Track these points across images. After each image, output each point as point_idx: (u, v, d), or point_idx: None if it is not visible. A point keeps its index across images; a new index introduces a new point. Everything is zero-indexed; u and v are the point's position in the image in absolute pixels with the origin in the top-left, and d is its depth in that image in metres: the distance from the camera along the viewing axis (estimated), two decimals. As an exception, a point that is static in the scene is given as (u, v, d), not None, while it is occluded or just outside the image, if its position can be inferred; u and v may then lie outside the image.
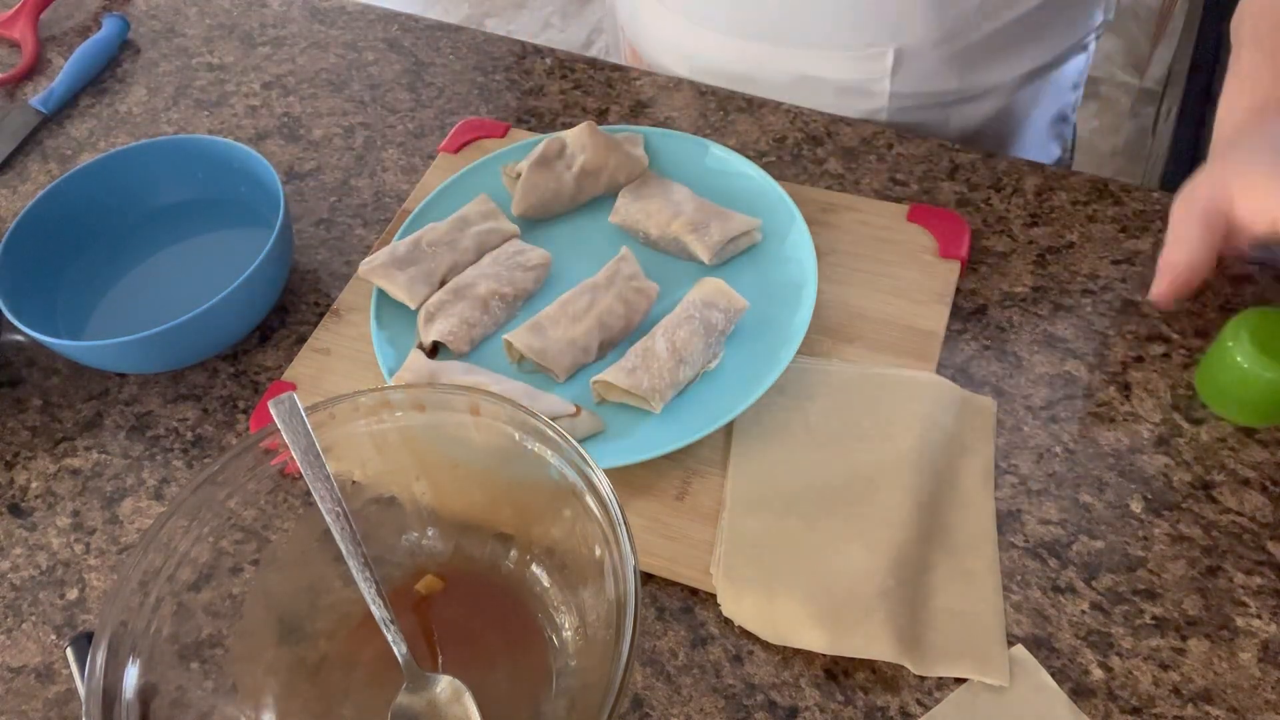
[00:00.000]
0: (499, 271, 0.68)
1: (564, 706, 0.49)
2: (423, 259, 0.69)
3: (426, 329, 0.66)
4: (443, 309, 0.66)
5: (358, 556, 0.48)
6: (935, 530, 0.57)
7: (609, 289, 0.66)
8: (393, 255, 0.68)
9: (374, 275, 0.67)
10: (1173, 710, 0.51)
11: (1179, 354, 0.64)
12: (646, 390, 0.61)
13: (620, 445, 0.61)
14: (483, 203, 0.73)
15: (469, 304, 0.67)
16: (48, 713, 0.56)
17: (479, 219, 0.72)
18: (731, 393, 0.62)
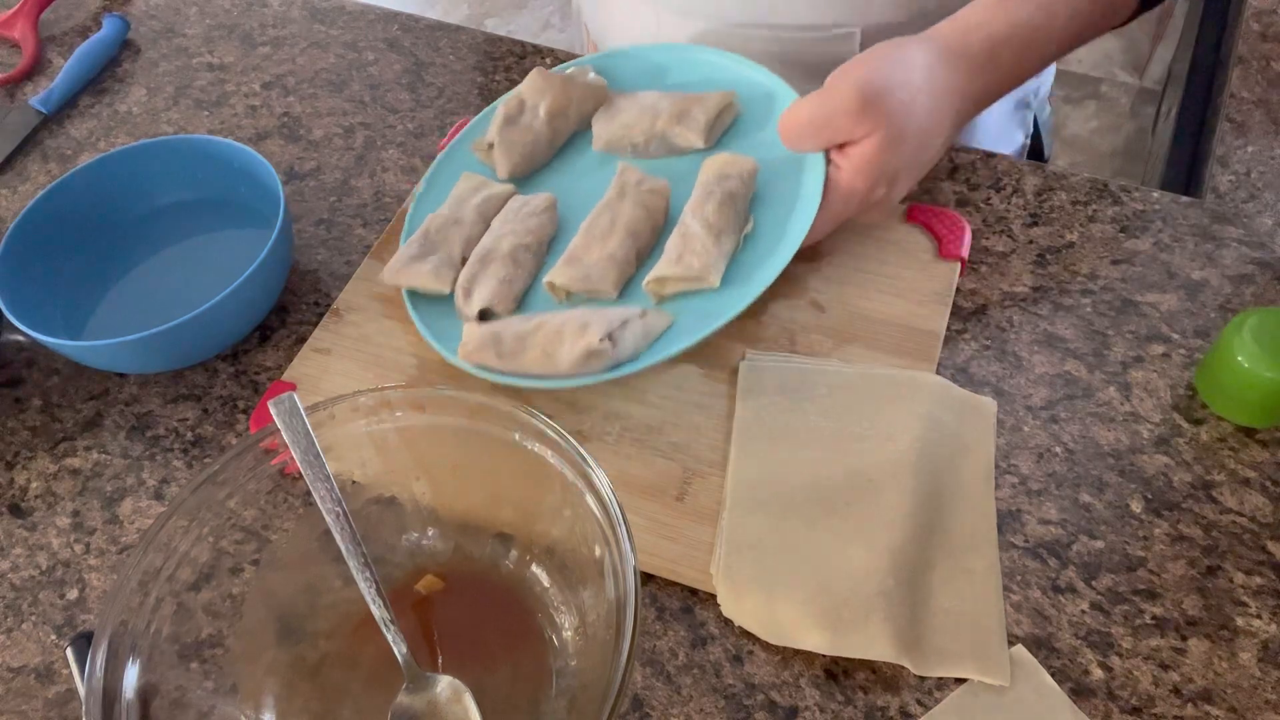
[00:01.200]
0: (513, 227, 0.69)
1: (564, 706, 0.49)
2: (437, 246, 0.69)
3: (468, 303, 0.66)
4: (476, 280, 0.67)
5: (358, 556, 0.48)
6: (935, 530, 0.57)
7: (624, 200, 0.68)
8: (408, 254, 0.68)
9: (400, 278, 0.67)
10: (1173, 710, 0.51)
11: (1179, 354, 0.64)
12: (699, 270, 0.63)
13: (694, 323, 0.62)
14: (468, 179, 0.73)
15: (498, 265, 0.67)
16: (48, 713, 0.56)
17: (471, 193, 0.72)
18: (776, 246, 0.65)
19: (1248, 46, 0.82)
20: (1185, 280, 0.67)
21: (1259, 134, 0.76)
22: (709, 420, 0.62)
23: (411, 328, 0.68)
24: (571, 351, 0.61)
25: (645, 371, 0.65)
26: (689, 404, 0.63)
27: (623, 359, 0.62)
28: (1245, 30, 0.83)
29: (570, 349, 0.61)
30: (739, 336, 0.66)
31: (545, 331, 0.62)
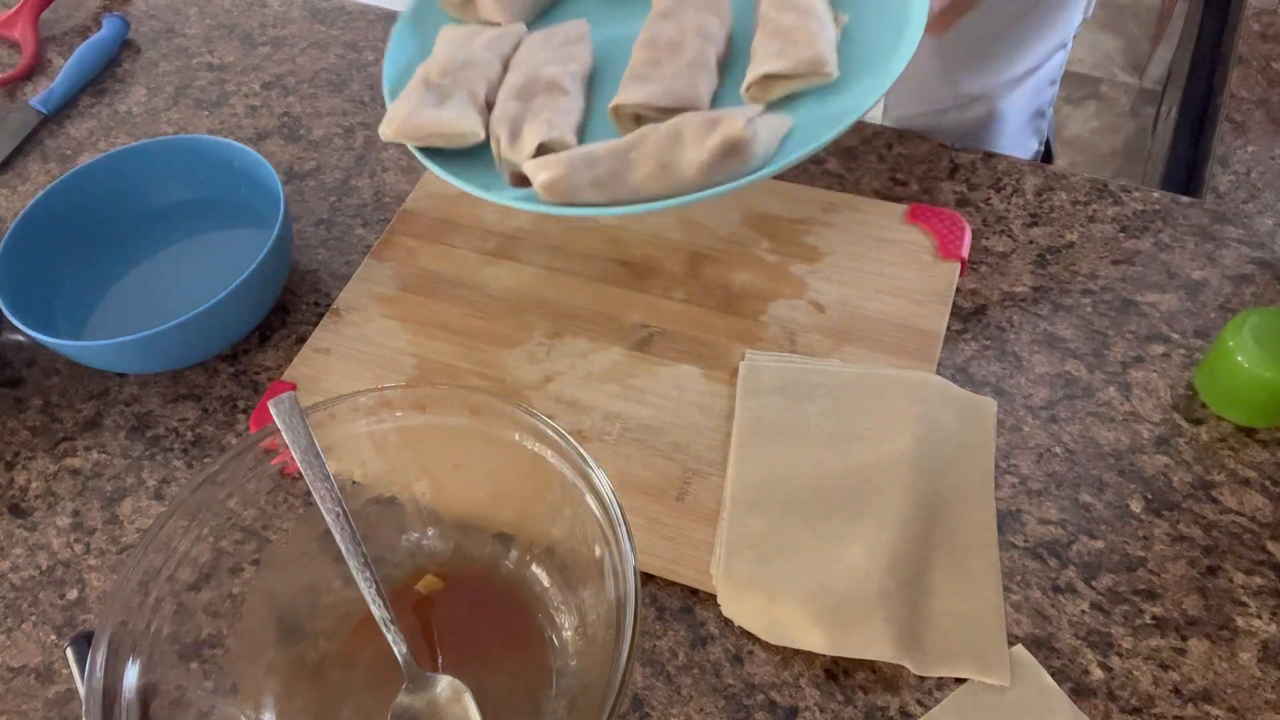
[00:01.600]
0: (550, 56, 0.60)
1: (564, 706, 0.49)
2: (450, 90, 0.59)
3: (516, 144, 0.56)
4: (522, 117, 0.57)
5: (358, 556, 0.48)
6: (935, 530, 0.57)
7: (684, 6, 0.59)
8: (414, 102, 0.58)
9: (414, 128, 0.57)
10: (1173, 710, 0.51)
11: (1179, 354, 0.64)
12: (812, 58, 0.55)
13: (816, 126, 0.55)
14: (453, 30, 0.64)
15: (545, 95, 0.57)
16: (48, 713, 0.56)
17: (471, 37, 0.62)
18: (892, 27, 0.58)
19: (1248, 46, 0.82)
20: (1185, 280, 0.67)
21: (1259, 134, 0.76)
22: (709, 420, 0.62)
23: (411, 325, 0.68)
24: (700, 151, 0.50)
25: (645, 371, 0.65)
26: (689, 404, 0.63)
27: (756, 159, 0.52)
28: (1245, 30, 0.83)
29: (698, 148, 0.51)
30: (739, 336, 0.66)
31: (654, 141, 0.52)
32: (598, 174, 0.51)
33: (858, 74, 0.57)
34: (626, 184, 0.52)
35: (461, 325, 0.68)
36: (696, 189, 0.51)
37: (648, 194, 0.52)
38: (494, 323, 0.68)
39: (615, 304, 0.68)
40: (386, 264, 0.72)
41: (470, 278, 0.71)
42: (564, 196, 0.52)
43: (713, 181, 0.51)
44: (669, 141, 0.52)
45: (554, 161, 0.52)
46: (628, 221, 0.73)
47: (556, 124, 0.56)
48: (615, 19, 0.66)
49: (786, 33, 0.56)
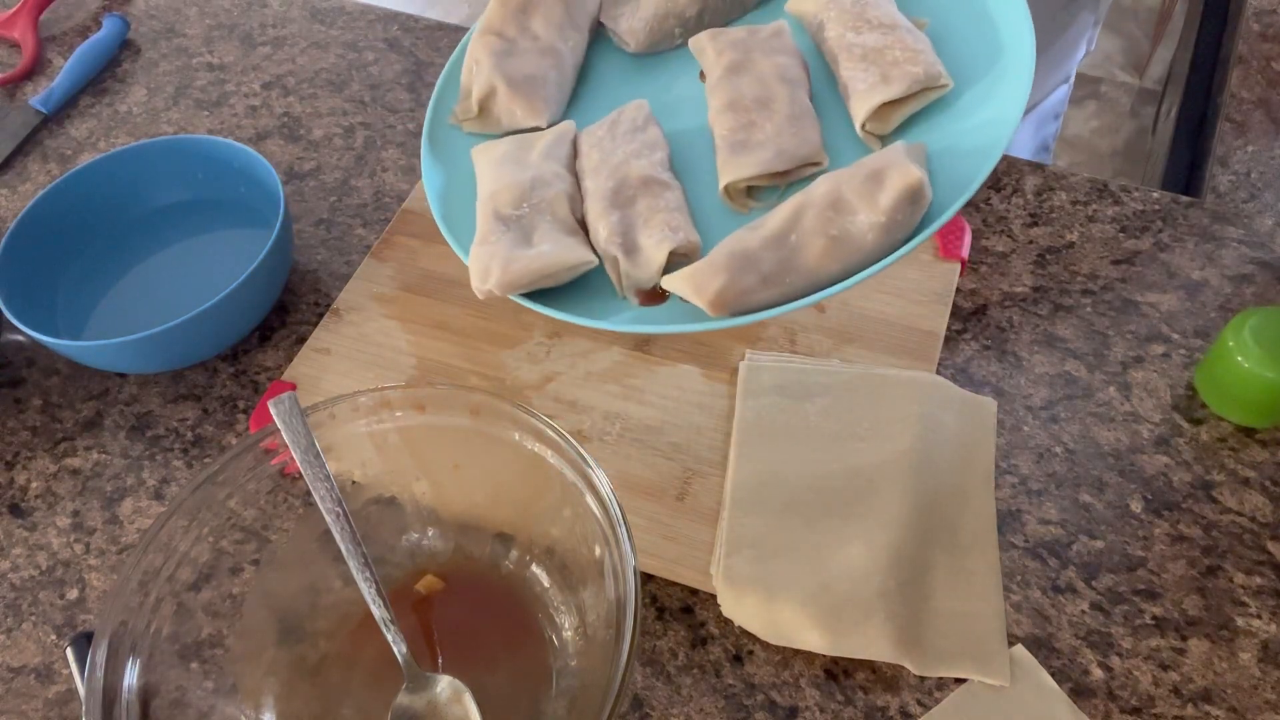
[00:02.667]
0: (629, 149, 0.54)
1: (564, 706, 0.49)
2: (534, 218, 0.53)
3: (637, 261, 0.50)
4: (632, 226, 0.51)
5: (358, 556, 0.48)
6: (935, 530, 0.57)
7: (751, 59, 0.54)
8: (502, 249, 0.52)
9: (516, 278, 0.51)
10: (1173, 710, 0.51)
11: (1179, 354, 0.64)
12: (923, 77, 0.50)
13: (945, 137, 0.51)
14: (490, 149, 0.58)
15: (647, 197, 0.52)
16: (48, 713, 0.56)
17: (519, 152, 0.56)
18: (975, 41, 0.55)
19: (1248, 46, 0.82)
20: (1185, 280, 0.67)
21: (1259, 134, 0.76)
22: (709, 420, 0.62)
23: (411, 325, 0.68)
24: (876, 213, 0.46)
25: (645, 371, 0.65)
26: (689, 404, 0.63)
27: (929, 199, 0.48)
28: (1245, 30, 0.83)
29: (872, 210, 0.46)
30: (739, 336, 0.66)
31: (815, 217, 0.47)
32: (762, 272, 0.46)
33: (965, 79, 0.53)
34: (800, 272, 0.47)
35: (461, 325, 0.68)
36: (879, 254, 0.47)
37: (825, 275, 0.47)
38: (494, 323, 0.68)
39: (615, 304, 0.68)
40: (386, 264, 0.72)
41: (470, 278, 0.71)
42: (735, 307, 0.47)
43: (894, 241, 0.47)
44: (832, 212, 0.47)
45: (711, 272, 0.47)
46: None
47: (676, 225, 0.51)
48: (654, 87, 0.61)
49: (880, 54, 0.52)
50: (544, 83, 0.59)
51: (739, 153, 0.52)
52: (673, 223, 0.51)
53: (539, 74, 0.59)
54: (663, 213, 0.51)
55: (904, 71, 0.51)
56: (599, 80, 0.64)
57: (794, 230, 0.48)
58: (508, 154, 0.58)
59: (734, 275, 0.46)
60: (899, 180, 0.46)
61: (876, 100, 0.52)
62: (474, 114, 0.61)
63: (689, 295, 0.49)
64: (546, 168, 0.56)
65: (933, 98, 0.53)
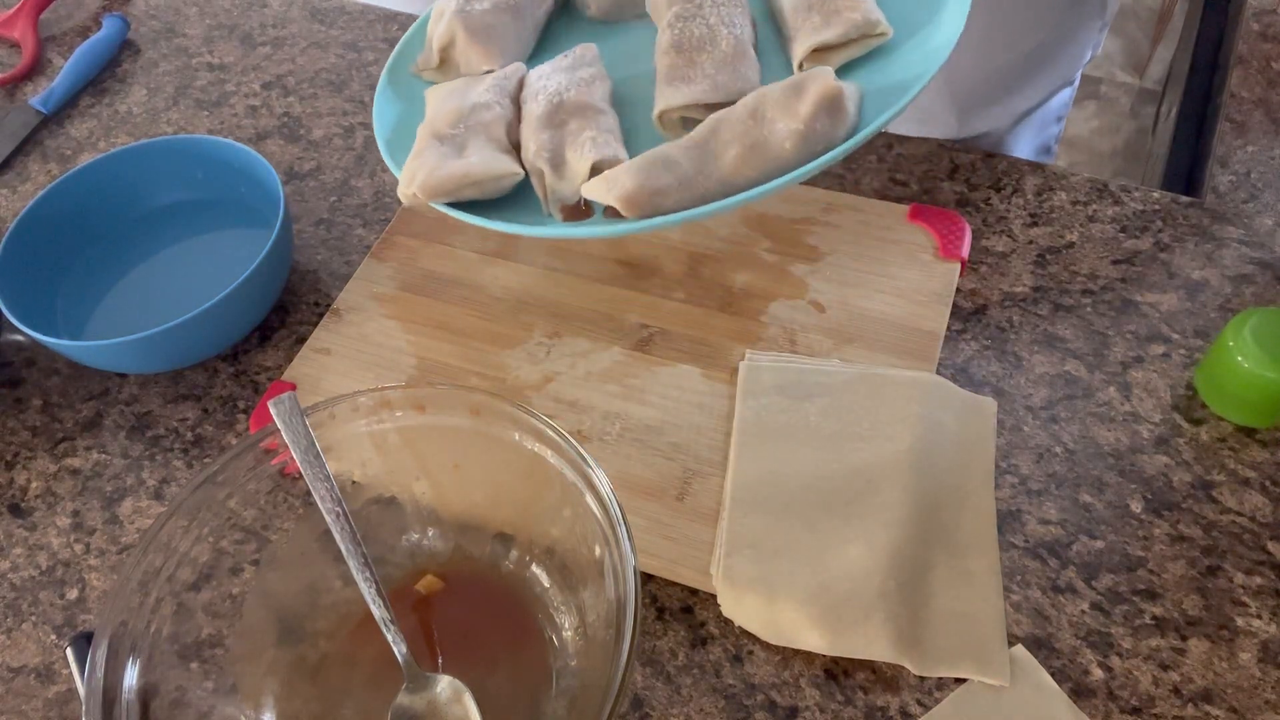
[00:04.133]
0: (568, 80, 0.56)
1: (564, 706, 0.49)
2: (468, 137, 0.55)
3: (562, 174, 0.52)
4: (561, 143, 0.53)
5: (358, 556, 0.48)
6: (935, 530, 0.57)
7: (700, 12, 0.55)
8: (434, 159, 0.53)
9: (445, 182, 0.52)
10: (1173, 710, 0.51)
11: (1179, 354, 0.64)
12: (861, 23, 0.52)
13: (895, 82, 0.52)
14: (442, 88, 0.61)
15: (580, 119, 0.53)
16: (48, 713, 0.56)
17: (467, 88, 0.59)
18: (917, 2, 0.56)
19: (1248, 46, 0.82)
20: (1185, 280, 0.67)
21: (1259, 134, 0.76)
22: (709, 420, 0.62)
23: (411, 325, 0.68)
24: (794, 119, 0.47)
25: (645, 371, 0.65)
26: (689, 404, 0.63)
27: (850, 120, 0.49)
28: (1245, 30, 0.83)
29: (790, 117, 0.47)
30: (739, 336, 0.66)
31: (733, 125, 0.48)
32: (679, 174, 0.47)
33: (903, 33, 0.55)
34: (714, 177, 0.47)
35: (461, 325, 0.68)
36: (795, 164, 0.47)
37: (741, 182, 0.47)
38: (494, 323, 0.68)
39: (615, 304, 0.68)
40: (386, 264, 0.72)
41: (470, 278, 0.71)
42: (646, 208, 0.48)
43: (812, 152, 0.47)
44: (752, 121, 0.48)
45: (626, 172, 0.48)
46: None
47: (604, 141, 0.52)
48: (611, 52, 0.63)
49: (824, 2, 0.54)
50: (502, 31, 0.61)
51: (676, 85, 0.54)
52: (599, 139, 0.52)
53: (497, 24, 0.62)
54: (592, 131, 0.52)
55: (844, 18, 0.53)
56: (557, 41, 0.66)
57: (712, 138, 0.49)
58: (455, 88, 0.61)
59: (648, 176, 0.47)
60: (817, 88, 0.48)
61: (815, 40, 0.54)
62: (435, 64, 0.63)
63: (602, 195, 0.50)
64: (489, 96, 0.58)
65: (872, 45, 0.55)
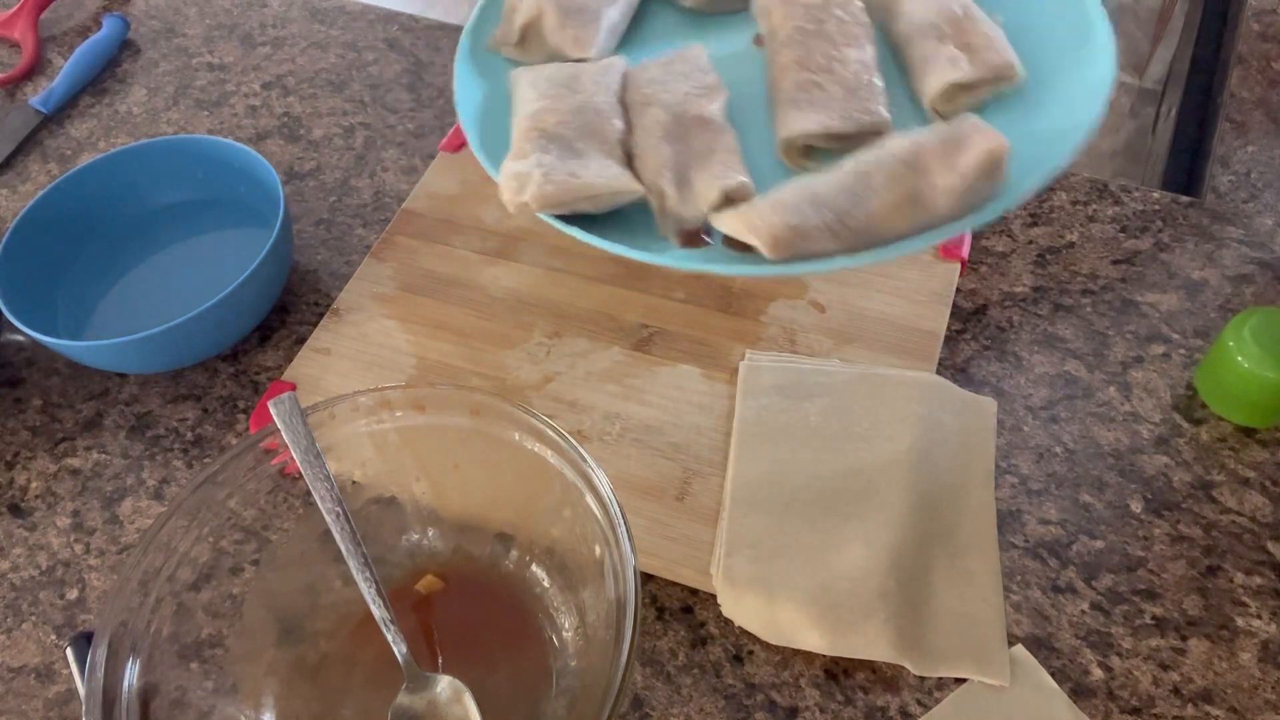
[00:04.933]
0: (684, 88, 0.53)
1: (564, 706, 0.49)
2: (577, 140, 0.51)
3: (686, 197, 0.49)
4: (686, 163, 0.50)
5: (358, 556, 0.48)
6: (935, 530, 0.57)
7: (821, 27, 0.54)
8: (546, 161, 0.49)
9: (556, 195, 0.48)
10: (1173, 710, 0.51)
11: (1179, 354, 0.64)
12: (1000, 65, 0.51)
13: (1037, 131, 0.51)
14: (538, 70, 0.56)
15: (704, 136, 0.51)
16: (48, 713, 0.56)
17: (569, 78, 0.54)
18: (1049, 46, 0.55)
19: (1248, 46, 0.82)
20: (1185, 280, 0.67)
21: (1259, 134, 0.76)
22: (709, 420, 0.62)
23: (411, 325, 0.68)
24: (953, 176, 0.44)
25: (645, 371, 0.65)
26: (689, 404, 0.63)
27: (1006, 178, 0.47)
28: (1245, 30, 0.83)
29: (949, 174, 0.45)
30: (739, 336, 0.66)
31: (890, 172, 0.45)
32: (825, 217, 0.44)
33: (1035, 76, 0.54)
34: (864, 225, 0.45)
35: (461, 325, 0.68)
36: (948, 218, 0.45)
37: (889, 233, 0.46)
38: (494, 323, 0.68)
39: (615, 304, 0.68)
40: (386, 264, 0.72)
41: (470, 278, 0.71)
42: (792, 250, 0.45)
43: (967, 206, 0.46)
44: (907, 170, 0.45)
45: (773, 210, 0.45)
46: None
47: (732, 166, 0.49)
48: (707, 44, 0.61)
49: (959, 36, 0.53)
50: (597, 15, 0.58)
51: (803, 108, 0.51)
52: (729, 163, 0.49)
53: (593, 5, 0.58)
54: (720, 153, 0.50)
55: (982, 59, 0.52)
56: (650, 31, 0.62)
57: (864, 183, 0.46)
58: (554, 77, 0.56)
59: (797, 216, 0.44)
60: (982, 144, 0.46)
61: (954, 77, 0.52)
62: (514, 39, 0.59)
63: (742, 233, 0.47)
64: (597, 95, 0.54)
65: (1000, 89, 0.54)
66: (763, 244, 0.46)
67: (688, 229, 0.49)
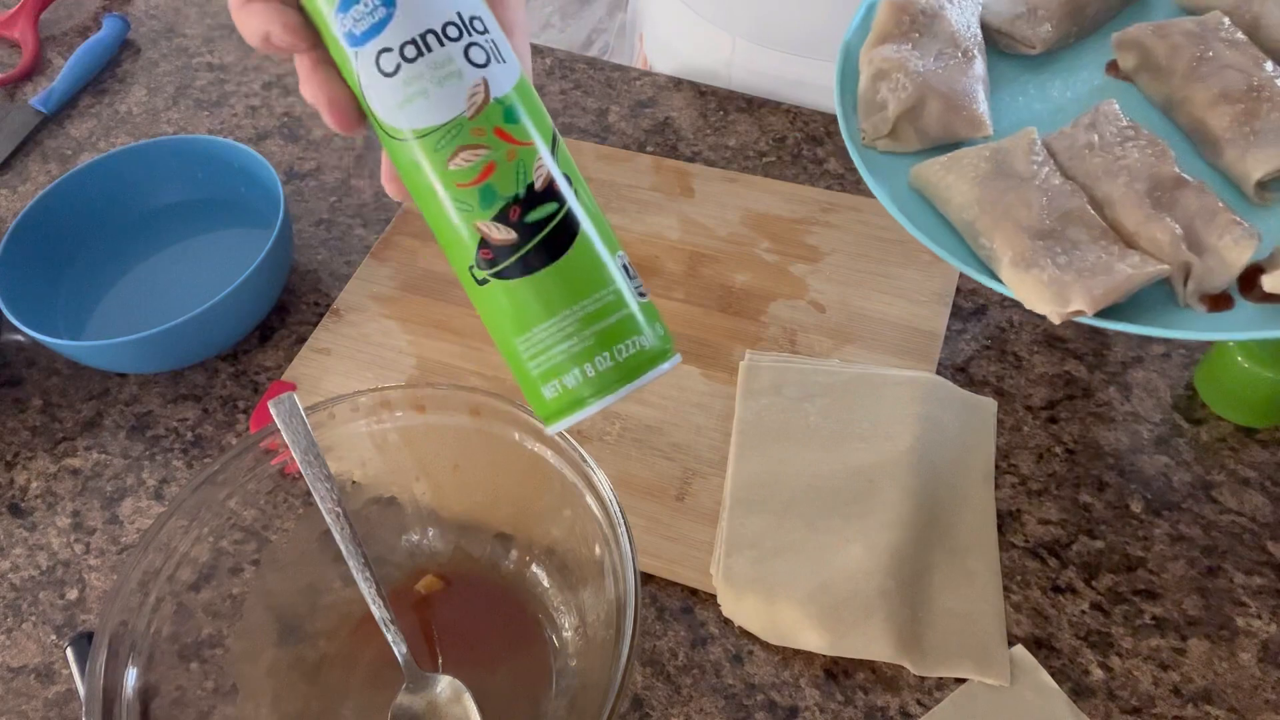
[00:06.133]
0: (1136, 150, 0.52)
1: (564, 706, 0.49)
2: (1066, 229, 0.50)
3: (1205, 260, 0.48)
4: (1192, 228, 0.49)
5: (358, 556, 0.48)
6: (935, 530, 0.57)
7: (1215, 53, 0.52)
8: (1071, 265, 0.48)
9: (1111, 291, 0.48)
10: (1173, 710, 0.51)
11: (1179, 354, 0.64)
12: None
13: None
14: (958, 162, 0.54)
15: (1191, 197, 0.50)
16: (48, 713, 0.56)
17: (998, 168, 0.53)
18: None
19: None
20: (1185, 280, 0.67)
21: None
22: (709, 420, 0.62)
23: (411, 325, 0.68)
24: None
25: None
26: (689, 404, 0.63)
27: None
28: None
29: None
30: (739, 336, 0.66)
31: None
32: None
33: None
34: None
35: (461, 325, 0.68)
36: None
37: None
38: (494, 323, 0.68)
39: (615, 304, 0.68)
40: (386, 264, 0.72)
41: (470, 278, 0.71)
42: None
43: None
44: None
45: None
46: (626, 221, 0.73)
47: (1241, 223, 0.48)
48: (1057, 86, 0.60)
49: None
50: (975, 91, 0.56)
51: (1257, 145, 0.50)
52: (1235, 219, 0.48)
53: (965, 81, 0.56)
54: (1223, 212, 0.49)
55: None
56: (993, 83, 0.60)
57: None
58: (977, 164, 0.54)
59: None
60: None
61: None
62: (887, 131, 0.57)
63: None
64: (1049, 177, 0.52)
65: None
66: None
67: (1211, 294, 0.49)
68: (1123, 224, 0.52)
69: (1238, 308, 0.50)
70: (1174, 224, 0.49)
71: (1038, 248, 0.50)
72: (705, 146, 0.78)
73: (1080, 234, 0.51)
